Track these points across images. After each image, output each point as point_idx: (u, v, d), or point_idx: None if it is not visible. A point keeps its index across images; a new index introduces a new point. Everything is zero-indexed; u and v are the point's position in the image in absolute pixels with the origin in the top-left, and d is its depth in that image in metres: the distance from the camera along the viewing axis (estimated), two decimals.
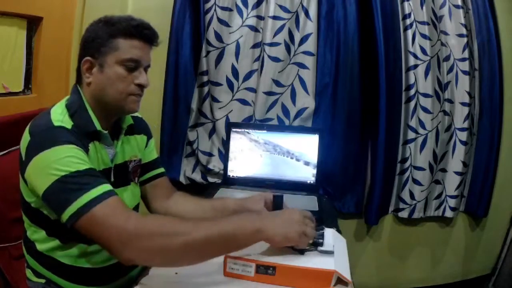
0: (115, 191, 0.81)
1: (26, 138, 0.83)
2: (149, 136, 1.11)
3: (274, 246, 0.83)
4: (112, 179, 0.95)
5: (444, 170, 1.86)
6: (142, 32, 0.88)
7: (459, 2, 1.75)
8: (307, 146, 1.61)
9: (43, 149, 0.78)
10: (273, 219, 0.82)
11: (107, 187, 0.79)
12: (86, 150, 0.85)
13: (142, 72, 0.90)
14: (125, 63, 0.87)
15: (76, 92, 0.91)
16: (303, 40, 1.73)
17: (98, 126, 0.90)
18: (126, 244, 0.73)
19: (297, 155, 1.62)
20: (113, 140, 0.96)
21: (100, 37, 0.86)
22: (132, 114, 1.02)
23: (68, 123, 0.84)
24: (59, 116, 0.85)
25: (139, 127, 1.07)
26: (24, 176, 0.83)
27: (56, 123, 0.82)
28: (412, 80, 1.77)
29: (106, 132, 0.92)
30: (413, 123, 1.79)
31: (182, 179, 1.79)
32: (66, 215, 0.75)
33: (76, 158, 0.79)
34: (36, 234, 0.90)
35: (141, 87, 0.90)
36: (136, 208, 1.05)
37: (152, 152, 1.11)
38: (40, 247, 0.90)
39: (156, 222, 0.77)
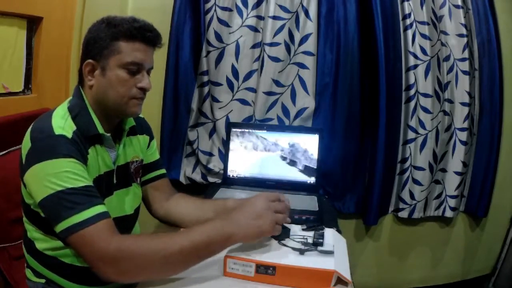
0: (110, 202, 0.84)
1: (27, 142, 0.82)
2: (151, 137, 1.11)
3: (251, 242, 0.85)
4: (115, 181, 0.95)
5: (444, 170, 1.86)
6: (145, 35, 0.87)
7: (459, 2, 1.75)
8: (307, 146, 1.61)
9: (41, 159, 0.78)
10: (241, 219, 0.83)
11: (99, 208, 0.79)
12: (85, 159, 0.85)
13: (145, 75, 0.90)
14: (127, 67, 0.86)
15: (79, 94, 0.91)
16: (303, 40, 1.73)
17: (100, 129, 0.90)
18: (109, 266, 0.75)
19: (297, 155, 1.62)
20: (115, 141, 0.96)
21: (102, 39, 0.86)
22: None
23: (69, 129, 0.84)
24: (61, 120, 0.84)
25: (141, 127, 1.07)
26: (23, 179, 0.84)
27: (57, 131, 0.82)
28: (412, 80, 1.77)
29: (108, 135, 0.92)
30: (413, 123, 1.79)
31: (182, 179, 1.79)
32: (57, 228, 0.78)
33: (73, 174, 0.79)
34: (36, 234, 0.90)
35: (144, 90, 0.90)
36: (138, 209, 1.05)
37: (154, 153, 1.12)
38: (40, 246, 0.90)
39: (135, 243, 0.78)
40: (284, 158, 1.63)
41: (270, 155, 1.63)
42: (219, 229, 0.81)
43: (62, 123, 0.84)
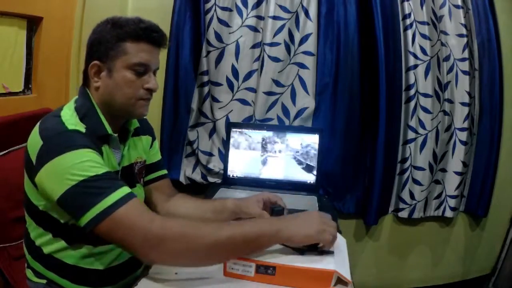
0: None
1: (36, 142, 0.80)
2: (153, 138, 1.11)
3: (297, 243, 0.84)
4: None
5: (444, 170, 1.86)
6: (151, 35, 0.86)
7: (459, 2, 1.75)
8: (307, 146, 1.61)
9: (58, 154, 0.77)
10: (292, 220, 0.83)
11: (126, 189, 0.78)
12: (101, 153, 0.85)
13: (151, 75, 0.90)
14: (134, 68, 0.86)
15: (85, 94, 0.90)
16: (303, 40, 1.73)
17: (109, 129, 0.89)
18: (152, 246, 0.73)
19: (297, 155, 1.62)
20: (120, 142, 0.96)
21: (108, 40, 0.85)
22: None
23: (81, 127, 0.84)
24: (71, 119, 0.84)
25: (144, 128, 1.07)
26: (34, 180, 0.81)
27: (70, 126, 0.81)
28: (412, 80, 1.77)
29: (116, 135, 0.92)
30: (413, 123, 1.79)
31: (182, 179, 1.79)
32: (85, 218, 0.75)
33: (93, 162, 0.78)
34: (41, 235, 0.89)
35: (150, 91, 0.90)
36: None
37: (156, 154, 1.12)
38: (44, 248, 0.89)
39: (181, 224, 0.77)
40: (284, 158, 1.63)
41: (270, 155, 1.63)
42: (270, 223, 0.82)
43: (73, 121, 0.84)
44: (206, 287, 0.80)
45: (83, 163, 0.77)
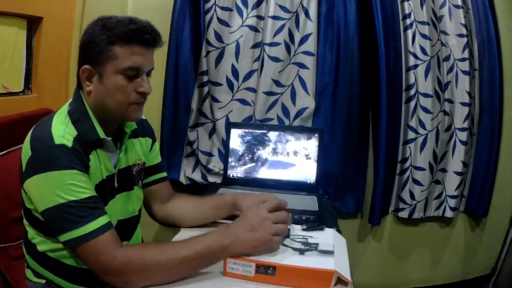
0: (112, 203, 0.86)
1: (27, 150, 0.81)
2: (154, 139, 1.10)
3: (250, 254, 0.84)
4: (116, 185, 0.94)
5: (444, 170, 1.86)
6: (142, 37, 0.83)
7: (459, 2, 1.75)
8: (307, 146, 1.61)
9: (42, 170, 0.78)
10: (238, 231, 0.84)
11: (102, 220, 0.80)
12: (87, 168, 0.84)
13: (144, 78, 0.86)
14: (125, 72, 0.83)
15: (79, 98, 0.89)
16: (303, 40, 1.73)
17: (101, 134, 0.88)
18: (114, 277, 0.78)
19: (297, 155, 1.62)
20: (116, 145, 0.95)
21: (97, 43, 0.82)
22: None
23: (70, 136, 0.82)
24: (61, 127, 0.83)
25: (144, 130, 1.05)
26: (23, 186, 0.84)
27: (57, 140, 0.80)
28: (412, 80, 1.77)
29: (109, 139, 0.90)
30: (413, 123, 1.79)
31: (182, 179, 1.79)
32: (61, 239, 0.80)
33: (76, 186, 0.79)
34: (37, 235, 0.90)
35: (144, 95, 0.87)
36: (139, 211, 1.06)
37: (156, 156, 1.10)
38: (41, 248, 0.90)
39: (139, 256, 0.79)
40: (284, 158, 1.63)
41: (270, 155, 1.63)
42: (218, 241, 0.82)
43: (62, 131, 0.82)
44: (206, 287, 0.80)
45: (65, 186, 0.78)
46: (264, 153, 1.63)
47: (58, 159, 0.79)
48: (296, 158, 1.61)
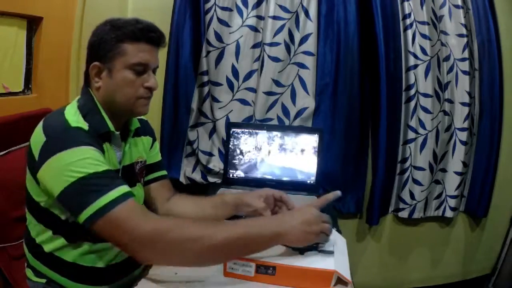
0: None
1: (40, 138, 0.82)
2: (154, 139, 1.13)
3: (296, 246, 0.85)
4: None
5: (444, 170, 1.86)
6: (149, 35, 0.88)
7: (459, 2, 1.75)
8: (307, 146, 1.61)
9: (60, 150, 0.78)
10: (293, 222, 0.83)
11: (125, 189, 0.79)
12: (103, 151, 0.86)
13: (151, 74, 0.91)
14: (134, 67, 0.88)
15: (88, 93, 0.92)
16: (303, 40, 1.73)
17: (111, 127, 0.91)
18: (143, 246, 0.74)
19: (297, 155, 1.62)
20: (122, 141, 0.97)
21: (107, 42, 0.87)
22: (138, 117, 1.04)
23: (84, 124, 0.85)
24: (74, 117, 0.85)
25: (145, 129, 1.09)
26: (36, 176, 0.83)
27: (73, 124, 0.83)
28: (412, 80, 1.77)
29: (118, 133, 0.94)
30: (413, 123, 1.79)
31: (182, 179, 1.79)
32: (83, 216, 0.76)
33: (94, 160, 0.79)
34: (41, 233, 0.90)
35: (150, 89, 0.92)
36: None
37: (157, 155, 1.13)
38: (44, 246, 0.90)
39: (175, 225, 0.77)
40: (284, 158, 1.62)
41: (270, 155, 1.63)
42: (271, 226, 0.81)
43: (76, 119, 0.85)
44: (206, 287, 0.80)
45: (84, 160, 0.78)
46: (264, 153, 1.63)
47: (75, 137, 0.80)
48: (296, 158, 1.61)
